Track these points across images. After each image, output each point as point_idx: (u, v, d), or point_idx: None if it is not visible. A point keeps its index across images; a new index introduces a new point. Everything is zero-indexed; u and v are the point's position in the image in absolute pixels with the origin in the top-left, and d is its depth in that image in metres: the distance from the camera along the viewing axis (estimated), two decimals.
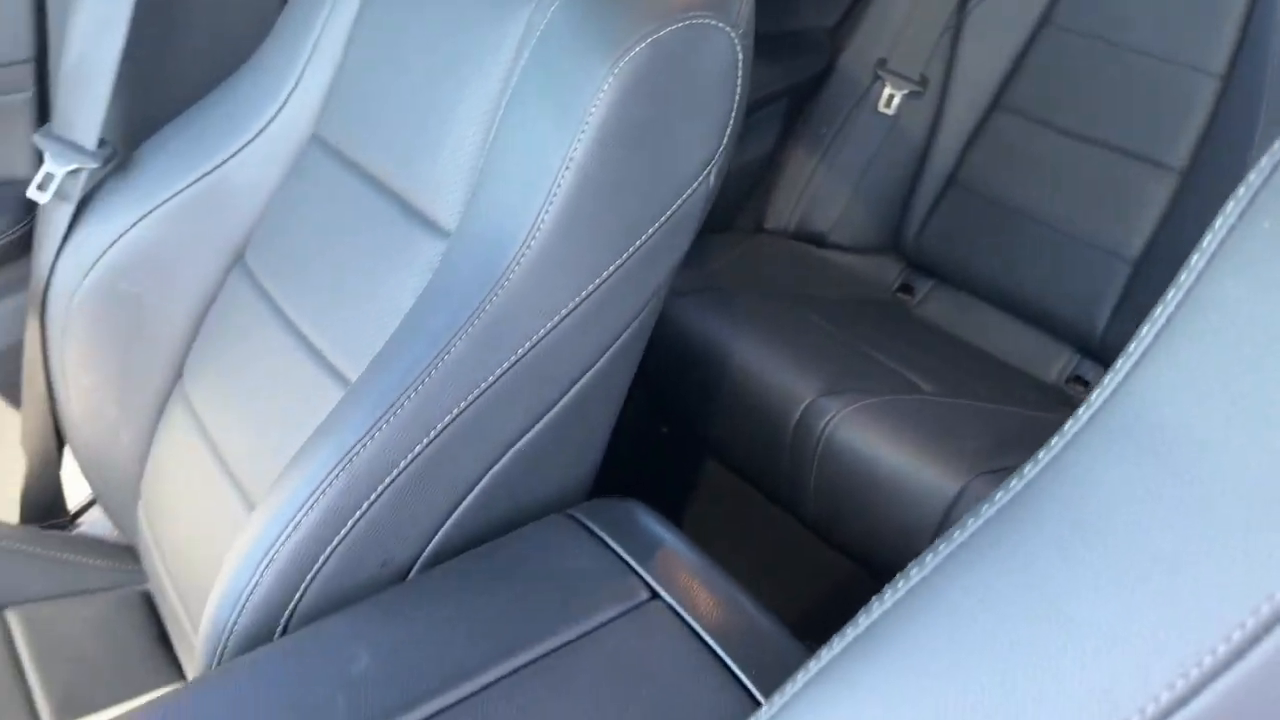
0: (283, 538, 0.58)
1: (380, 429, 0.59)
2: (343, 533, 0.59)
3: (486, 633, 0.55)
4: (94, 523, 1.10)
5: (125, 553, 1.02)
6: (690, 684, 0.51)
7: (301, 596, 0.59)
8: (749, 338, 1.14)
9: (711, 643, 0.54)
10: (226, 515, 0.77)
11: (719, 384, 1.14)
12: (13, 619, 0.90)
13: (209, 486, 0.82)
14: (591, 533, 0.62)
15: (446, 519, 0.62)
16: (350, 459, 0.59)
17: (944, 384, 1.13)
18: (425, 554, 0.62)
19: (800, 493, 1.09)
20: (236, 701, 0.51)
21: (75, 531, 1.09)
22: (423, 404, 0.59)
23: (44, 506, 1.06)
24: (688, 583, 0.58)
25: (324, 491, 0.58)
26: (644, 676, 0.49)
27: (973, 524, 0.36)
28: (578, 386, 0.65)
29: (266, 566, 0.58)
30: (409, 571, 0.62)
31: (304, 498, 0.59)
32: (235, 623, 0.58)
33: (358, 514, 0.59)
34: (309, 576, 0.58)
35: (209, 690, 0.53)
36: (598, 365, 0.66)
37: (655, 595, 0.58)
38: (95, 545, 1.02)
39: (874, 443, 1.01)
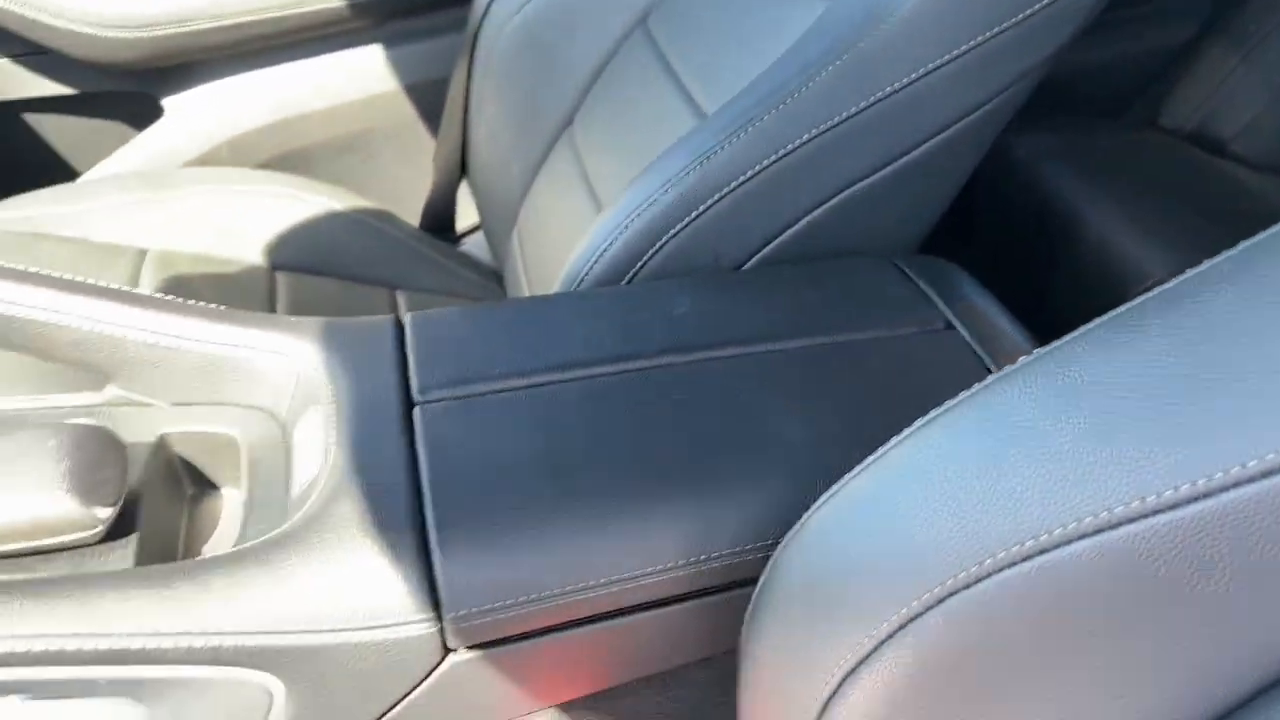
0: (636, 212, 0.67)
1: (736, 138, 0.66)
2: (685, 220, 0.67)
3: (792, 315, 0.61)
4: (474, 244, 1.28)
5: (493, 275, 1.18)
6: None
7: (644, 265, 0.68)
8: (1104, 208, 1.09)
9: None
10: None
11: (1060, 250, 1.10)
12: (400, 298, 1.09)
13: (578, 215, 0.93)
14: (905, 274, 0.66)
15: (776, 237, 0.68)
16: (703, 160, 0.66)
17: None
18: (751, 263, 0.69)
19: None
20: (574, 308, 0.61)
21: (459, 248, 1.27)
22: (779, 122, 0.65)
23: (439, 221, 1.25)
24: (988, 325, 0.61)
25: (677, 181, 0.66)
26: (926, 386, 0.53)
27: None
28: (924, 147, 0.68)
29: (620, 234, 0.68)
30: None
31: (658, 184, 0.67)
32: (586, 275, 0.69)
33: (701, 207, 0.66)
34: (653, 249, 0.67)
35: (553, 299, 0.64)
36: (949, 132, 0.68)
37: (951, 327, 0.61)
38: (471, 262, 1.19)
39: None
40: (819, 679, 0.42)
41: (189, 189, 1.07)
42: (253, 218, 1.06)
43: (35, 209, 1.02)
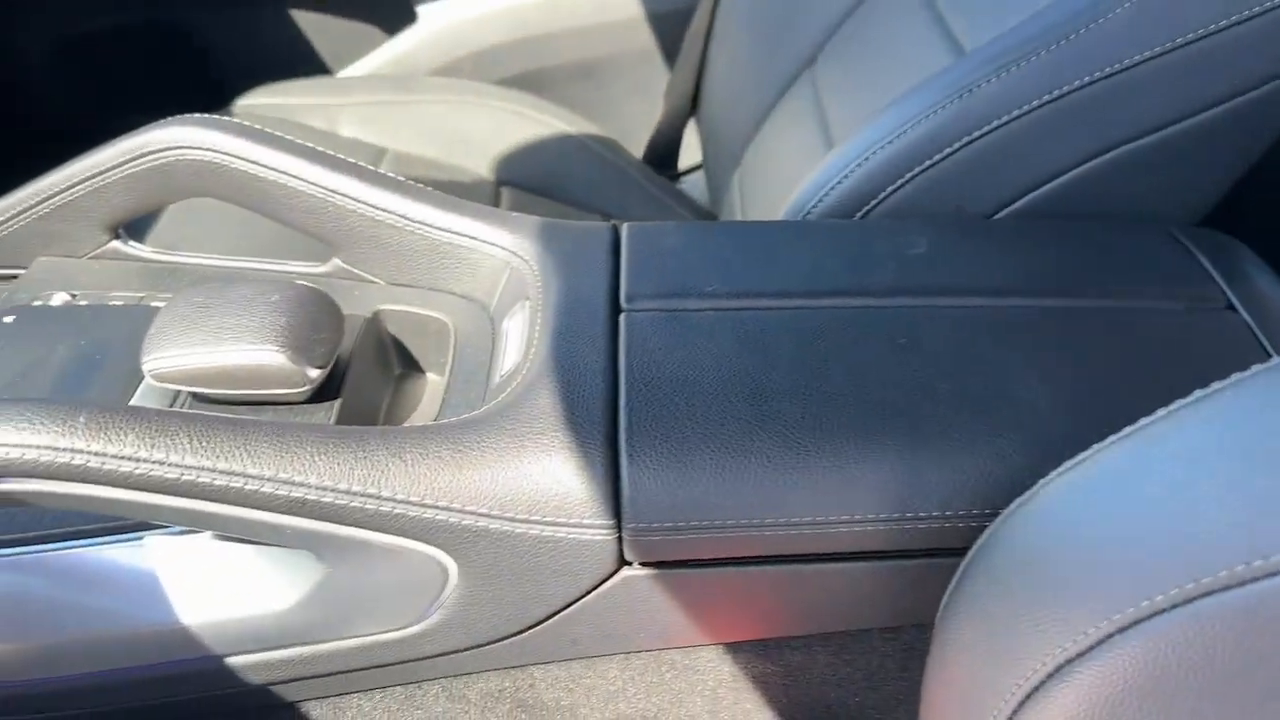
0: (879, 145, 0.62)
1: (1005, 72, 0.59)
2: (934, 159, 0.61)
3: (1046, 271, 0.55)
4: (691, 185, 1.26)
5: (708, 215, 1.16)
6: None
7: (878, 204, 0.63)
8: None
9: None
10: None
11: None
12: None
13: (808, 158, 0.89)
14: (1183, 245, 0.58)
15: (1032, 189, 0.61)
16: (964, 93, 0.60)
17: None
18: (999, 216, 0.63)
19: None
20: (799, 236, 0.58)
21: (677, 186, 1.25)
22: (1058, 60, 0.58)
23: (662, 156, 1.23)
24: (1277, 312, 0.52)
25: (930, 115, 0.61)
26: (1196, 368, 0.46)
27: None
28: (1213, 112, 0.59)
29: (857, 167, 0.63)
30: None
31: (907, 118, 0.61)
32: (814, 207, 0.65)
33: (955, 145, 0.60)
34: (892, 186, 0.62)
35: (777, 225, 0.60)
36: (1243, 99, 0.59)
37: (1233, 308, 0.53)
38: (686, 200, 1.17)
39: None
40: (1027, 665, 0.37)
41: (431, 97, 1.10)
42: (487, 131, 1.08)
43: (290, 98, 1.07)
